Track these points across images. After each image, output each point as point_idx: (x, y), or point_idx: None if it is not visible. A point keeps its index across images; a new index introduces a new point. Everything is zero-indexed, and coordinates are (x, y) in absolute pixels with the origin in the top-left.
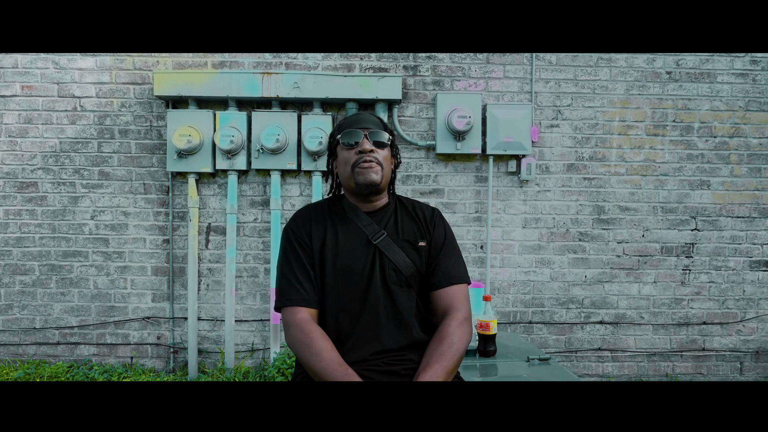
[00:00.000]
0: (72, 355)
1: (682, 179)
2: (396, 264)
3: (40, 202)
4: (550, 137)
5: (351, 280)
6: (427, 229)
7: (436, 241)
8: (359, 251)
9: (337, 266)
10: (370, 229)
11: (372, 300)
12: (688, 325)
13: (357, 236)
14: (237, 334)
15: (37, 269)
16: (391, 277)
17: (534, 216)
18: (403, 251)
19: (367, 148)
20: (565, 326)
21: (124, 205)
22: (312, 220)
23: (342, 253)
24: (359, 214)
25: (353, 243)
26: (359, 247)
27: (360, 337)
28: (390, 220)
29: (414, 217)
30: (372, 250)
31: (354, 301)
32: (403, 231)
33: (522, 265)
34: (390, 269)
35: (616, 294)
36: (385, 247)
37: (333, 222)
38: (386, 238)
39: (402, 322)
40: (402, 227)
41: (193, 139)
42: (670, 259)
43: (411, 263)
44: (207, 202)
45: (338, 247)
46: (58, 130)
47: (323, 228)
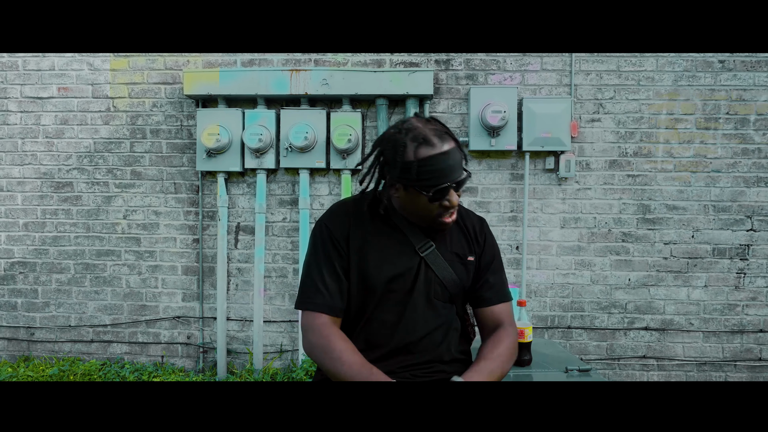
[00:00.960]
0: (105, 353)
1: (736, 176)
2: (442, 279)
3: (75, 201)
4: (591, 132)
5: (391, 290)
6: (477, 241)
7: (486, 256)
8: (403, 261)
9: (379, 274)
10: (417, 238)
11: (410, 313)
12: (743, 332)
13: (402, 244)
14: (265, 334)
15: (72, 268)
16: (436, 292)
17: (573, 215)
18: (450, 266)
19: (455, 202)
20: (606, 332)
21: (155, 205)
22: (352, 220)
23: (385, 261)
24: (405, 222)
25: (397, 251)
26: (404, 256)
27: (392, 350)
28: (437, 232)
29: (463, 227)
30: (417, 262)
31: (390, 313)
32: (452, 243)
33: (560, 266)
34: (435, 284)
35: (662, 298)
36: (432, 261)
37: (376, 225)
38: (434, 251)
39: (440, 338)
40: (451, 239)
41: (222, 139)
42: (722, 261)
43: (458, 279)
44: (236, 202)
45: (381, 254)
46: (92, 130)
47: (364, 231)
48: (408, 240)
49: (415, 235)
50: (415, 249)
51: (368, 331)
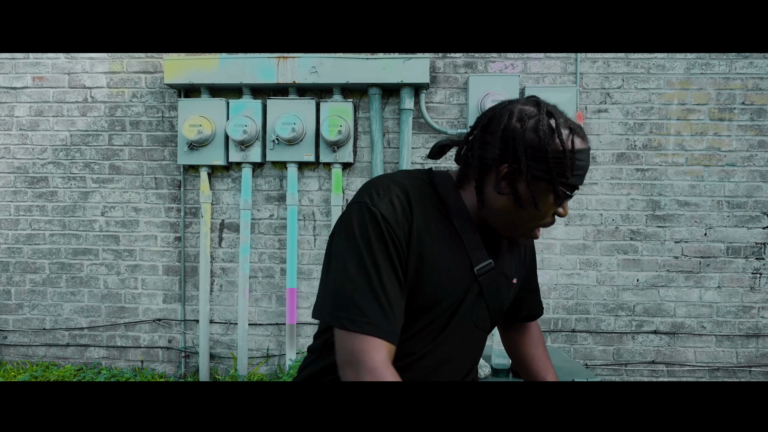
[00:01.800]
0: (82, 358)
1: (752, 170)
2: (490, 308)
3: (51, 197)
4: (598, 123)
5: (432, 309)
6: (524, 260)
7: (530, 274)
8: (459, 279)
9: (434, 290)
10: (479, 255)
11: (446, 341)
12: (759, 336)
13: (461, 257)
14: (251, 338)
15: (47, 267)
16: (480, 321)
17: (578, 212)
18: (500, 291)
19: (563, 214)
20: (613, 336)
21: (134, 201)
22: (414, 214)
23: (442, 275)
24: (470, 230)
25: (456, 265)
26: (461, 273)
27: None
28: (495, 244)
29: (513, 242)
30: (470, 281)
31: (421, 341)
32: (502, 263)
33: (564, 266)
34: (482, 310)
35: (673, 300)
36: (486, 285)
37: (438, 224)
38: (492, 274)
39: (465, 373)
40: (504, 259)
41: (204, 130)
42: (737, 261)
43: (503, 309)
44: (220, 198)
45: (439, 266)
46: (68, 122)
47: (426, 231)
48: (466, 253)
49: (476, 250)
50: (471, 266)
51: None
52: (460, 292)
